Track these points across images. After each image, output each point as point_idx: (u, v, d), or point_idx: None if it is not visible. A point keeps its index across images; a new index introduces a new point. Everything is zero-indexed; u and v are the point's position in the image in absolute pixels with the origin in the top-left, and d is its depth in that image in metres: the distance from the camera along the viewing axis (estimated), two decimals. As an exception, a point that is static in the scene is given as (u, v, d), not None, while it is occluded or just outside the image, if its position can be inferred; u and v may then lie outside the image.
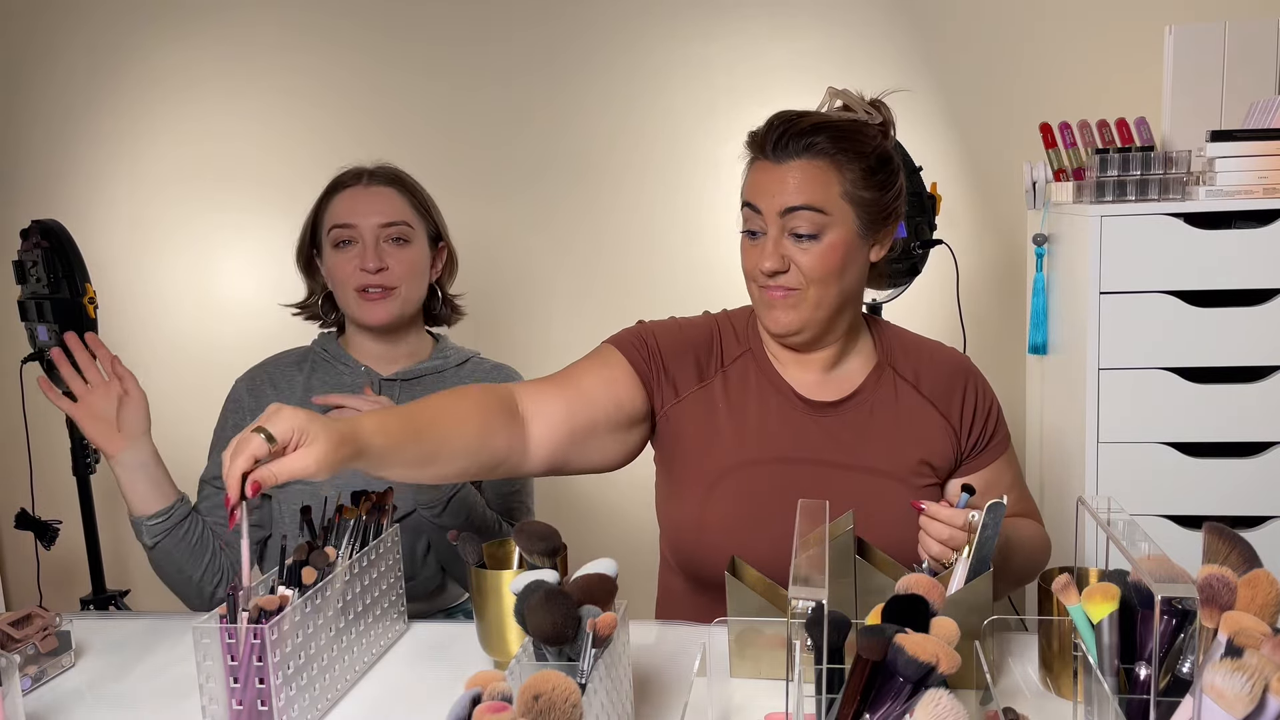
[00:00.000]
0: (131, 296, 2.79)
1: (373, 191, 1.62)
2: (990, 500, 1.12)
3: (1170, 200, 1.93)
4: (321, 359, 1.66)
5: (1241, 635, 0.76)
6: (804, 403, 1.37)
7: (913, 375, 1.40)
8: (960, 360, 1.45)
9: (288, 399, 1.61)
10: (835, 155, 1.28)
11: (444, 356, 1.68)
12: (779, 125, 1.29)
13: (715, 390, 1.38)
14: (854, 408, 1.37)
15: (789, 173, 1.28)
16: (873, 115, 1.34)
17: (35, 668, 1.22)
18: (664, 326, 1.42)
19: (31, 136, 2.80)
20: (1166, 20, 2.17)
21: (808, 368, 1.39)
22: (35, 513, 2.45)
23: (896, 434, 1.37)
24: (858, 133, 1.30)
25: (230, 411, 1.65)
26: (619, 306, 2.64)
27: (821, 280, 1.29)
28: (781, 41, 2.52)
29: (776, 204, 1.28)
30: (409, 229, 1.62)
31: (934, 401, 1.39)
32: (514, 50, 2.62)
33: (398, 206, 1.62)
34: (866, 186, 1.29)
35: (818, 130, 1.28)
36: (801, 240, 1.28)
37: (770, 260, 1.28)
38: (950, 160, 2.49)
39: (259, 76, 2.70)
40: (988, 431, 1.42)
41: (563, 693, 0.78)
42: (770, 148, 1.29)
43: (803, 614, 0.85)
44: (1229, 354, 1.91)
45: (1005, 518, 1.29)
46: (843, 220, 1.29)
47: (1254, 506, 1.95)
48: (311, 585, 1.11)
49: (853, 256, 1.31)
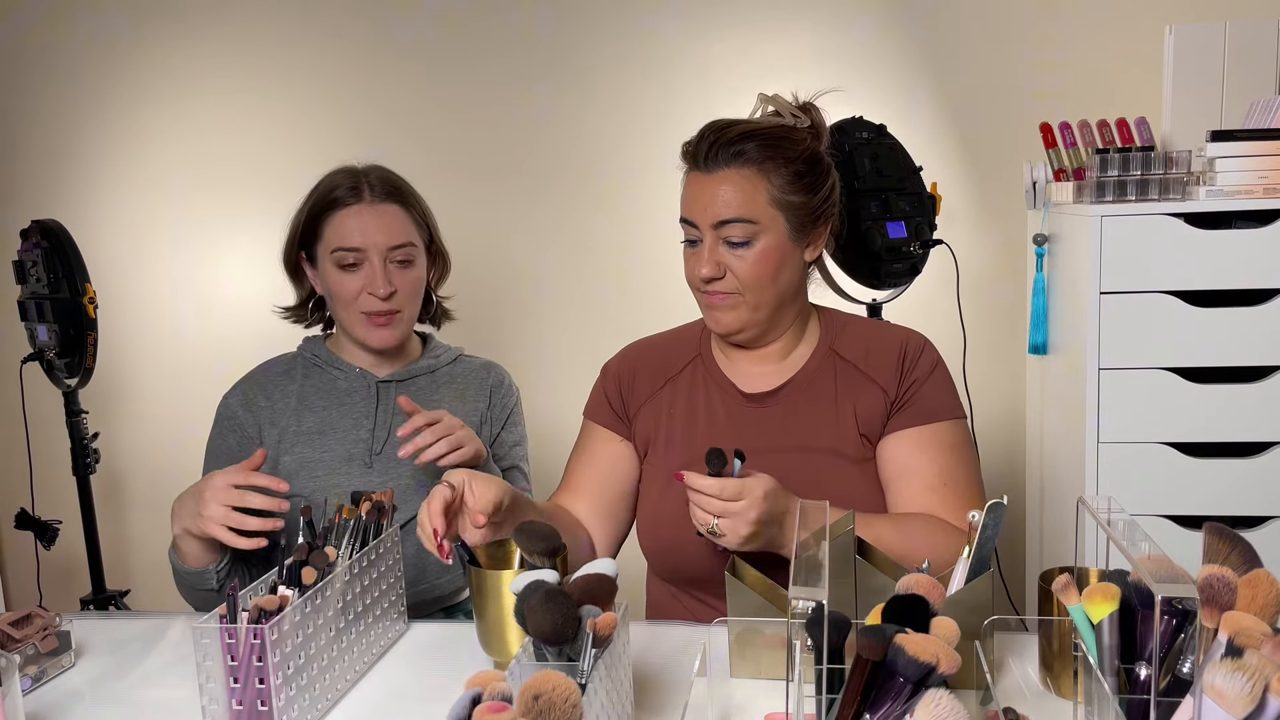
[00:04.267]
0: (131, 296, 2.79)
1: (379, 211, 1.56)
2: (992, 500, 1.12)
3: (1170, 200, 1.93)
4: (313, 364, 1.65)
5: (1241, 635, 0.76)
6: (744, 396, 1.45)
7: (857, 355, 1.44)
8: (903, 333, 1.46)
9: (282, 410, 1.60)
10: (763, 163, 1.33)
11: (435, 356, 1.68)
12: (709, 136, 1.35)
13: (666, 398, 1.49)
14: (790, 393, 1.43)
15: (719, 184, 1.33)
16: (801, 119, 1.38)
17: (35, 668, 1.22)
18: (616, 366, 1.54)
19: (31, 136, 2.80)
20: (1166, 20, 2.17)
21: (762, 360, 1.46)
22: (35, 513, 2.45)
23: (836, 412, 1.41)
24: (785, 138, 1.35)
25: (228, 430, 1.61)
26: (619, 307, 2.64)
27: (756, 286, 1.36)
28: (781, 42, 2.52)
29: (709, 216, 1.34)
30: (414, 248, 1.59)
31: (873, 375, 1.42)
32: (514, 50, 2.62)
33: (404, 227, 1.58)
34: (794, 191, 1.35)
35: (745, 138, 1.33)
36: (735, 248, 1.35)
37: (706, 268, 1.35)
38: (950, 160, 2.49)
39: (259, 75, 2.70)
40: (908, 395, 1.40)
41: (563, 693, 0.78)
42: (701, 159, 1.35)
43: (803, 614, 0.85)
44: (1229, 354, 1.91)
45: (899, 514, 1.36)
46: (772, 226, 1.34)
47: (1254, 506, 1.95)
48: (311, 585, 1.11)
49: (785, 259, 1.37)
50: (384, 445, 1.58)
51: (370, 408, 1.61)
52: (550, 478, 2.01)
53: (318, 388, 1.62)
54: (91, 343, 2.30)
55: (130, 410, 2.86)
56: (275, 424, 1.59)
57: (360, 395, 1.61)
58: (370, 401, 1.61)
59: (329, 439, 1.58)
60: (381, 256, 1.55)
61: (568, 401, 1.83)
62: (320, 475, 1.55)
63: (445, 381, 1.67)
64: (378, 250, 1.55)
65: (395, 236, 1.56)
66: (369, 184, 1.58)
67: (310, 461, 1.56)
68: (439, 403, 1.63)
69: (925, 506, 1.37)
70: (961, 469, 1.40)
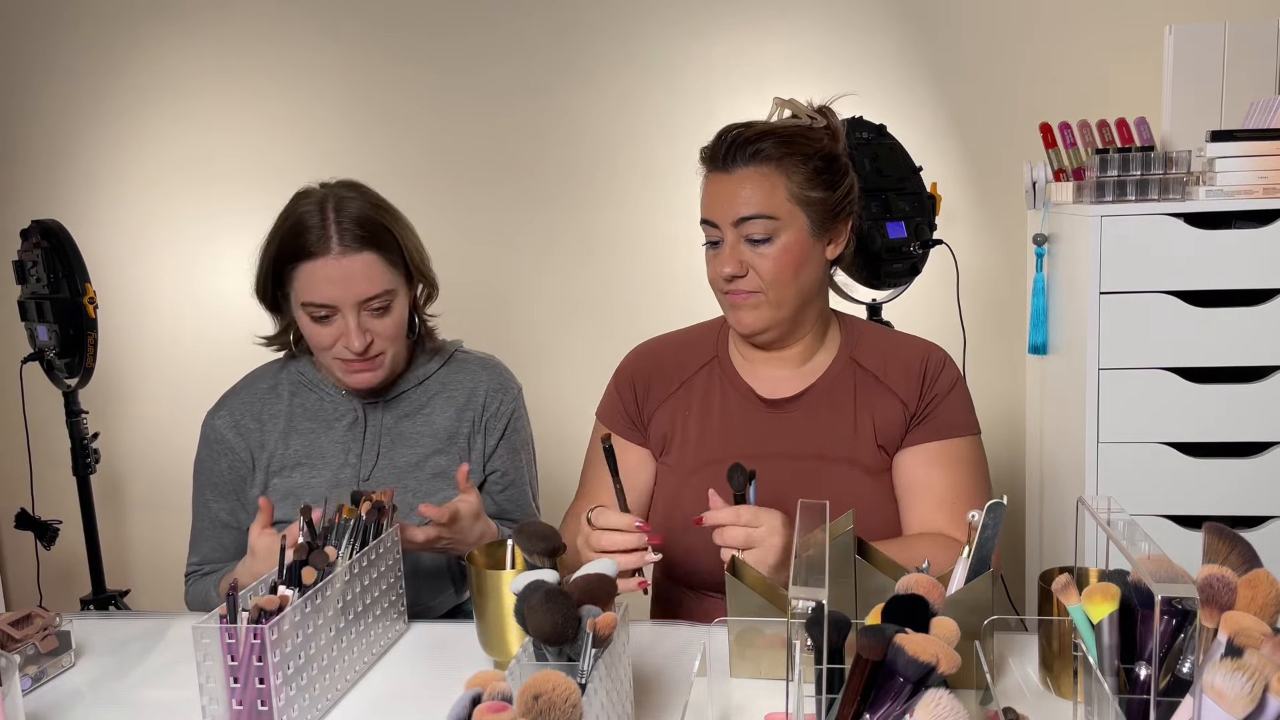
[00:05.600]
0: (131, 296, 2.79)
1: (349, 264, 1.42)
2: (992, 500, 1.12)
3: (1170, 200, 1.93)
4: (299, 383, 1.58)
5: (1241, 635, 0.76)
6: (762, 402, 1.44)
7: (876, 366, 1.43)
8: (925, 347, 1.47)
9: (271, 431, 1.55)
10: (781, 160, 1.34)
11: (425, 363, 1.60)
12: (727, 136, 1.37)
13: (680, 401, 1.48)
14: (811, 400, 1.43)
15: (739, 182, 1.34)
16: (817, 120, 1.39)
17: (35, 668, 1.22)
18: (630, 367, 1.53)
19: (31, 136, 2.80)
20: (1166, 20, 2.17)
21: (782, 364, 1.45)
22: (35, 513, 2.45)
23: (854, 421, 1.41)
24: (802, 136, 1.36)
25: (219, 454, 1.55)
26: (619, 307, 2.64)
27: (779, 282, 1.36)
28: (781, 42, 2.52)
29: (729, 215, 1.35)
30: (390, 294, 1.46)
31: (893, 387, 1.42)
32: (514, 50, 2.62)
33: (378, 276, 1.44)
34: (814, 187, 1.35)
35: (763, 137, 1.35)
36: (757, 245, 1.35)
37: (729, 266, 1.35)
38: (950, 160, 2.49)
39: (258, 75, 2.70)
40: (928, 410, 1.41)
41: (563, 693, 0.78)
42: (720, 158, 1.36)
43: (803, 614, 0.85)
44: (1229, 354, 1.91)
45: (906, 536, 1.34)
46: (793, 222, 1.35)
47: (1254, 506, 1.95)
48: (311, 585, 1.11)
49: (807, 256, 1.37)
50: (371, 470, 1.53)
51: (358, 431, 1.55)
52: (553, 481, 2.01)
53: (305, 409, 1.57)
54: (91, 343, 2.30)
55: (130, 410, 2.86)
56: (264, 447, 1.54)
57: (347, 419, 1.56)
58: (358, 426, 1.56)
59: (316, 464, 1.54)
60: (355, 310, 1.44)
61: (571, 404, 1.83)
62: (308, 500, 1.48)
63: (436, 390, 1.59)
64: (349, 305, 1.43)
65: (368, 289, 1.43)
66: (338, 228, 1.42)
67: (298, 487, 1.52)
68: (429, 417, 1.57)
69: (935, 523, 1.37)
70: (972, 485, 1.40)
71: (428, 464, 1.55)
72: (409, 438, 1.56)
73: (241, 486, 1.55)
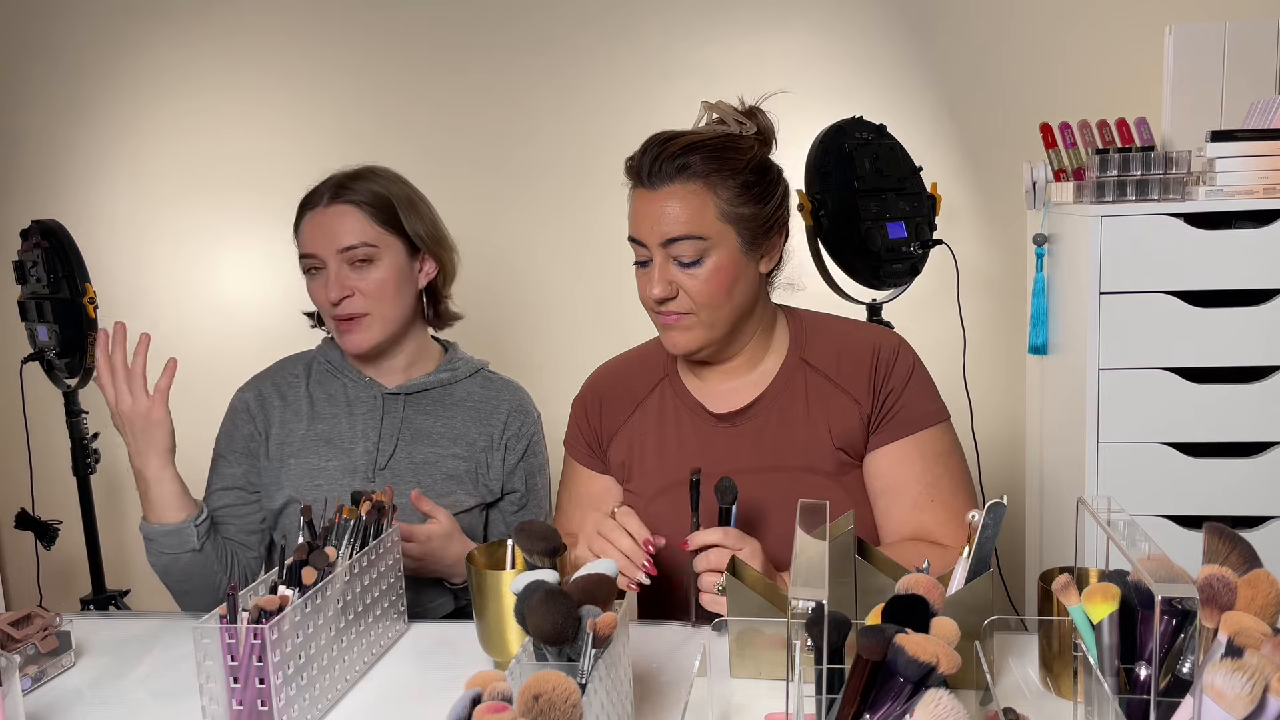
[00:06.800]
0: (131, 296, 2.79)
1: (331, 213, 1.51)
2: (992, 500, 1.12)
3: (1170, 200, 1.93)
4: (325, 369, 1.63)
5: (1241, 635, 0.76)
6: (714, 417, 1.41)
7: (827, 362, 1.39)
8: (874, 337, 1.41)
9: (295, 411, 1.59)
10: (709, 175, 1.28)
11: (452, 369, 1.63)
12: (651, 150, 1.30)
13: (637, 424, 1.45)
14: (761, 411, 1.39)
15: (665, 200, 1.28)
16: (746, 125, 1.33)
17: (35, 668, 1.22)
18: (584, 397, 1.51)
19: (31, 136, 2.80)
20: (1166, 20, 2.17)
21: (730, 375, 1.42)
22: (35, 513, 2.45)
23: (809, 426, 1.37)
24: (731, 148, 1.30)
25: (243, 420, 1.60)
26: (619, 307, 2.64)
27: (711, 304, 1.31)
28: (781, 41, 2.52)
29: (656, 235, 1.29)
30: (372, 249, 1.51)
31: (844, 385, 1.37)
32: (516, 50, 2.62)
33: (357, 227, 1.50)
34: (744, 202, 1.30)
35: (690, 151, 1.28)
36: (686, 266, 1.30)
37: (658, 288, 1.30)
38: (950, 160, 2.49)
39: (259, 74, 2.71)
40: (887, 407, 1.36)
41: (563, 693, 0.78)
42: (645, 175, 1.30)
43: (803, 614, 0.85)
44: (1229, 354, 1.91)
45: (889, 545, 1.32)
46: (723, 241, 1.30)
47: (1254, 506, 1.94)
48: (311, 585, 1.11)
49: (739, 275, 1.32)
50: (389, 460, 1.55)
51: (376, 419, 1.57)
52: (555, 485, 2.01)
53: (329, 394, 1.60)
54: (91, 343, 2.30)
55: (130, 410, 2.85)
56: (285, 425, 1.58)
57: (367, 405, 1.58)
58: (376, 413, 1.58)
59: (335, 448, 1.56)
60: (335, 260, 1.50)
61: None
62: (323, 484, 1.54)
63: (461, 399, 1.61)
64: (330, 254, 1.50)
65: (344, 238, 1.50)
66: (331, 184, 1.54)
67: (314, 469, 1.55)
68: (450, 420, 1.59)
69: (915, 523, 1.34)
70: (948, 477, 1.36)
71: (443, 464, 1.57)
72: (428, 435, 1.58)
73: (257, 454, 1.59)
